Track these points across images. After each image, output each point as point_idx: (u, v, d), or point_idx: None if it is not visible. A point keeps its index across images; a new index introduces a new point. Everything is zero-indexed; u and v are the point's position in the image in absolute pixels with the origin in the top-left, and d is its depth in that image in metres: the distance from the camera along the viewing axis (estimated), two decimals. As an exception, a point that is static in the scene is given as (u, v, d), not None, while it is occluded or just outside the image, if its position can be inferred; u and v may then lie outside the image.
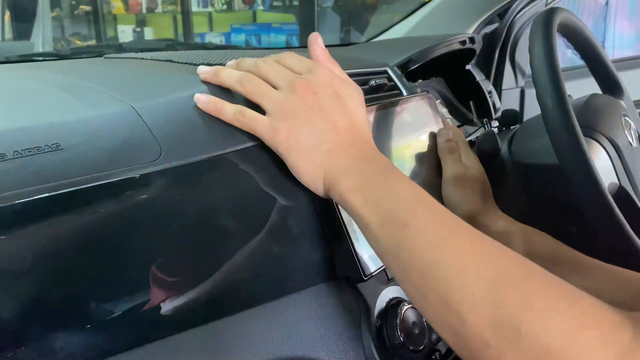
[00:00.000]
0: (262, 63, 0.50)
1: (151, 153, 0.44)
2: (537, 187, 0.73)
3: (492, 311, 0.35)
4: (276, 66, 0.50)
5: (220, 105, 0.49)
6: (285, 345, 0.49)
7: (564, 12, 0.69)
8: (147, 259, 0.42)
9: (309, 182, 0.48)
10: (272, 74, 0.49)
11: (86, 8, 3.63)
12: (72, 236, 0.39)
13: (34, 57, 0.88)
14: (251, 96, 0.49)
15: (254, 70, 0.50)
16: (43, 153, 0.40)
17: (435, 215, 0.42)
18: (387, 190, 0.43)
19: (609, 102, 0.78)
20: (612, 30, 2.38)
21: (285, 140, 0.47)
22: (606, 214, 0.58)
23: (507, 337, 0.34)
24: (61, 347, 0.38)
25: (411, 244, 0.40)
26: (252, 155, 0.50)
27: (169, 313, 0.43)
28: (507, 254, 0.38)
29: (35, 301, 0.37)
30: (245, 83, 0.49)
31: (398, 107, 0.65)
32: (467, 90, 1.11)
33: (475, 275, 0.36)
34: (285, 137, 0.46)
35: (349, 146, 0.47)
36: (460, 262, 0.37)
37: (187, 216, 0.45)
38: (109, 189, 0.41)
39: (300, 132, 0.46)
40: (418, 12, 1.25)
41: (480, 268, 0.37)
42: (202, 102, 0.49)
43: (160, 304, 0.42)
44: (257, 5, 3.66)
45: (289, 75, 0.48)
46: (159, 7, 3.78)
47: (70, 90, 0.53)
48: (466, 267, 0.37)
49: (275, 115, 0.47)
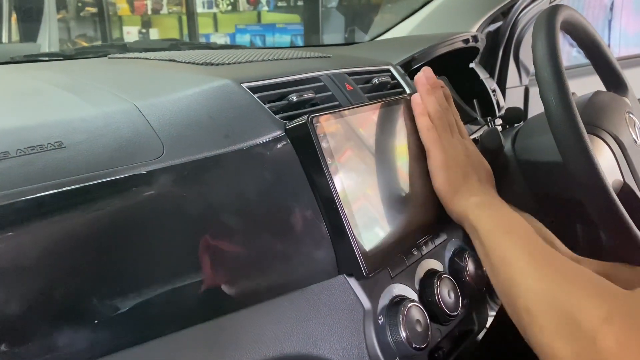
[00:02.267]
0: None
1: (154, 151, 0.45)
2: (541, 184, 0.73)
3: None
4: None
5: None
6: (288, 342, 0.49)
7: (567, 10, 0.69)
8: (150, 256, 0.42)
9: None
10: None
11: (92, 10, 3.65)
12: (75, 233, 0.39)
13: (39, 58, 0.88)
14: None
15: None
16: (46, 151, 0.41)
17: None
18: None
19: (613, 99, 0.77)
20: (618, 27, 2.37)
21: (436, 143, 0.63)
22: (610, 211, 0.58)
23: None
24: (65, 343, 0.39)
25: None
26: (254, 154, 0.50)
27: (172, 310, 0.43)
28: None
29: (38, 298, 0.37)
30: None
31: (401, 104, 0.65)
32: (471, 89, 1.10)
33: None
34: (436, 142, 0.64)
35: (476, 182, 0.63)
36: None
37: (189, 213, 0.45)
38: (111, 186, 0.41)
39: (450, 147, 0.63)
40: (421, 11, 1.25)
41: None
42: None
43: (164, 300, 0.43)
44: (262, 6, 3.67)
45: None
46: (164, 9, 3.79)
47: (73, 90, 0.53)
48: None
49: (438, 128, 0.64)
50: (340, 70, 0.68)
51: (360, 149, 0.57)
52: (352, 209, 0.53)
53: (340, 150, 0.54)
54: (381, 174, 0.58)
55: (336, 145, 0.54)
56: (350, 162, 0.55)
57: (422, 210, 0.63)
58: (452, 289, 0.61)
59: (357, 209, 0.53)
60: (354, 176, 0.55)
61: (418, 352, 0.53)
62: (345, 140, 0.55)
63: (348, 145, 0.55)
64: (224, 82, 0.55)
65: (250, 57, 0.72)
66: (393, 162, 0.61)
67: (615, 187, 0.69)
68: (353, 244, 0.52)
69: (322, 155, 0.52)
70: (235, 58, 0.70)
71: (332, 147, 0.53)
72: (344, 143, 0.55)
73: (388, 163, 0.60)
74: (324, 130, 0.53)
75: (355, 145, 0.57)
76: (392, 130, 0.62)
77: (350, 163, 0.55)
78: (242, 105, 0.54)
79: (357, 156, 0.57)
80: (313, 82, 0.64)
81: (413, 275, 0.60)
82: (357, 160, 0.56)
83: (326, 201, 0.52)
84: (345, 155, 0.54)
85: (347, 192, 0.53)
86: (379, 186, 0.58)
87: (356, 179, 0.55)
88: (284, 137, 0.53)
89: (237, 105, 0.53)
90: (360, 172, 0.56)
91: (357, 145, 0.57)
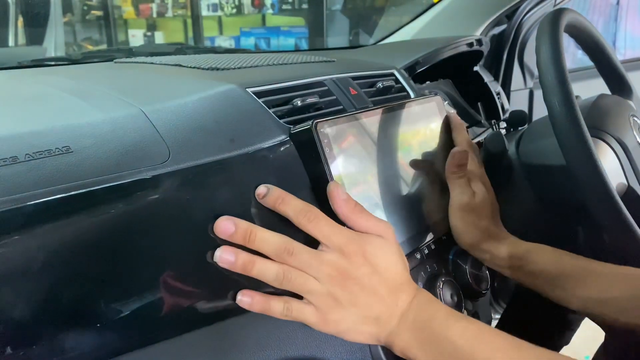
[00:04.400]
0: (290, 249, 0.47)
1: (160, 155, 0.45)
2: (545, 187, 0.73)
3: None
4: (306, 256, 0.48)
5: (267, 304, 0.48)
6: (292, 344, 0.49)
7: (571, 13, 0.69)
8: (155, 259, 0.43)
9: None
10: (306, 266, 0.47)
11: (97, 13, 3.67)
12: (82, 237, 0.40)
13: (46, 62, 0.89)
14: (294, 291, 0.48)
15: (288, 260, 0.47)
16: (54, 156, 0.41)
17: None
18: (440, 337, 0.48)
19: (618, 103, 0.77)
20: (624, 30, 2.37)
21: (335, 327, 0.49)
22: (614, 214, 0.58)
23: None
24: (72, 345, 0.39)
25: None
26: (259, 158, 0.51)
27: (176, 313, 0.44)
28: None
29: (46, 301, 0.38)
30: (284, 282, 0.47)
31: (405, 109, 0.65)
32: (475, 92, 1.11)
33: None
34: (335, 325, 0.49)
35: (394, 306, 0.50)
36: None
37: (195, 217, 0.45)
38: (118, 190, 0.42)
39: (348, 316, 0.48)
40: (426, 15, 1.25)
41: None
42: (245, 302, 0.47)
43: (169, 304, 0.43)
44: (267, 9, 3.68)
45: (324, 268, 0.48)
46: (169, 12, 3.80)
47: (80, 95, 0.54)
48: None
49: (322, 308, 0.48)
50: (344, 75, 0.69)
51: (364, 153, 0.58)
52: (356, 212, 0.53)
53: (344, 155, 0.54)
54: (384, 178, 0.59)
55: (340, 150, 0.54)
56: (353, 167, 0.55)
57: (425, 215, 0.63)
58: (455, 293, 0.61)
59: (361, 212, 0.54)
60: (357, 181, 0.55)
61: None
62: (349, 146, 0.56)
63: (352, 150, 0.56)
64: (230, 87, 0.56)
65: (255, 61, 0.72)
66: (396, 167, 0.62)
67: (619, 191, 0.69)
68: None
69: (326, 161, 0.52)
70: (240, 63, 0.70)
71: (336, 152, 0.54)
72: (348, 148, 0.55)
73: (391, 168, 0.60)
74: (327, 136, 0.53)
75: (359, 150, 0.57)
76: (396, 134, 0.63)
77: (354, 168, 0.55)
78: (248, 109, 0.54)
79: (361, 161, 0.57)
80: (317, 87, 0.64)
81: (416, 279, 0.60)
82: (361, 165, 0.57)
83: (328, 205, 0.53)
84: (349, 160, 0.55)
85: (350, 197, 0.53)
86: (382, 191, 0.58)
87: (359, 184, 0.56)
88: (288, 142, 0.54)
89: (243, 110, 0.54)
90: (364, 177, 0.56)
91: (361, 150, 0.57)
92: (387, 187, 0.59)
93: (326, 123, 0.54)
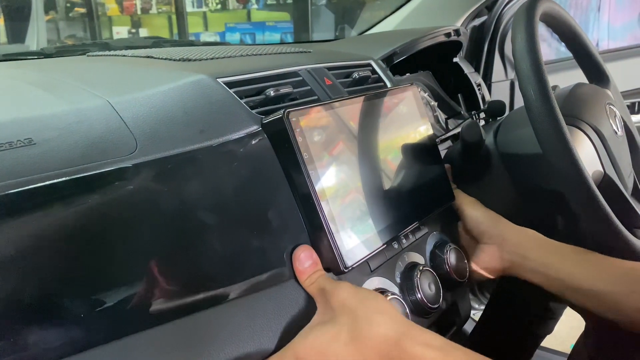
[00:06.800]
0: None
1: (127, 147, 0.44)
2: (523, 177, 0.73)
3: None
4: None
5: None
6: (267, 336, 0.49)
7: (547, 2, 0.69)
8: (123, 253, 0.42)
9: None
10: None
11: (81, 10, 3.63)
12: (47, 231, 0.39)
13: (17, 56, 0.87)
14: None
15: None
16: (15, 148, 0.40)
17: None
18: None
19: (594, 91, 0.77)
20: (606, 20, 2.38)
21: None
22: (590, 202, 0.58)
23: None
24: (38, 341, 0.38)
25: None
26: (230, 149, 0.50)
27: (147, 306, 0.43)
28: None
29: (8, 297, 0.37)
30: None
31: (381, 98, 0.64)
32: (456, 83, 1.11)
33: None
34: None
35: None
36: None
37: (163, 210, 0.44)
38: (83, 183, 0.41)
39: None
40: (406, 6, 1.25)
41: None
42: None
43: (138, 297, 0.42)
44: (252, 4, 3.66)
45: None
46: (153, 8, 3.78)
47: (46, 87, 0.53)
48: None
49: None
50: (320, 65, 0.68)
51: (337, 143, 0.57)
52: (329, 203, 0.53)
53: (318, 144, 0.54)
54: (359, 167, 0.58)
55: (313, 139, 0.54)
56: (327, 156, 0.55)
57: (402, 203, 0.63)
58: (433, 282, 0.61)
59: (335, 203, 0.53)
60: (331, 170, 0.55)
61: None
62: (323, 135, 0.55)
63: (325, 139, 0.55)
64: (199, 77, 0.55)
65: (229, 52, 0.71)
66: (372, 156, 0.61)
67: (595, 178, 0.69)
68: (330, 239, 0.51)
69: (299, 150, 0.52)
70: (213, 54, 0.69)
71: (309, 141, 0.53)
72: (321, 137, 0.55)
73: (367, 157, 0.60)
74: (300, 125, 0.53)
75: (332, 140, 0.56)
76: (371, 123, 0.62)
77: (328, 157, 0.55)
78: (218, 100, 0.53)
79: (335, 150, 0.56)
80: (291, 77, 0.63)
81: (393, 269, 0.60)
82: (335, 154, 0.56)
83: (303, 196, 0.52)
84: (322, 149, 0.54)
85: (324, 186, 0.53)
86: (357, 180, 0.57)
87: (334, 173, 0.55)
88: (260, 132, 0.53)
89: (213, 101, 0.53)
90: (338, 166, 0.56)
91: (334, 140, 0.56)
92: (363, 176, 0.58)
93: (298, 112, 0.53)
